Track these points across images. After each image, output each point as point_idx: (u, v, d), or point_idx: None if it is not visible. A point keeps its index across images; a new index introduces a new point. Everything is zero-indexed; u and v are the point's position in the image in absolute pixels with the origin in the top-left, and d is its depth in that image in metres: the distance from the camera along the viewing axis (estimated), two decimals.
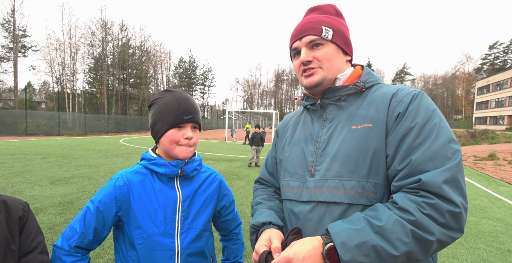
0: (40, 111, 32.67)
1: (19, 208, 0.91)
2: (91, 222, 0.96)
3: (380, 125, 0.77)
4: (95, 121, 26.79)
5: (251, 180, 7.26)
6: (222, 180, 1.19)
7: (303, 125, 0.96)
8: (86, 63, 36.51)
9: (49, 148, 12.42)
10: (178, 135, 0.99)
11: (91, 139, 18.81)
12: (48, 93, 49.73)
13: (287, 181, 0.91)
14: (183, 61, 59.30)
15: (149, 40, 45.22)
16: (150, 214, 0.98)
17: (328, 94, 0.88)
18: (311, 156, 0.86)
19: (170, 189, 1.02)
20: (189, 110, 1.01)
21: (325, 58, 0.86)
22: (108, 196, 0.97)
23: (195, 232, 1.03)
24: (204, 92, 65.39)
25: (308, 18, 0.90)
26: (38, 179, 6.37)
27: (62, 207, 4.51)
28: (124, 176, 1.01)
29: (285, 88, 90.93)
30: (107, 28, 36.04)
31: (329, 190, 0.78)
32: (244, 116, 51.30)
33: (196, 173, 1.08)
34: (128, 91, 40.02)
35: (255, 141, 9.55)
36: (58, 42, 31.78)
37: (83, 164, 8.62)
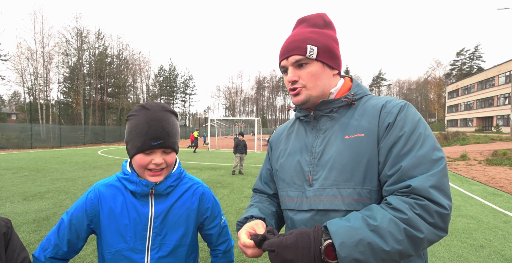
0: (10, 123, 31.01)
1: (2, 225, 0.90)
2: (65, 234, 0.98)
3: (372, 135, 0.81)
4: (71, 132, 25.75)
5: (235, 188, 7.23)
6: (205, 192, 1.13)
7: (296, 135, 0.99)
8: (60, 73, 35.18)
9: (21, 162, 11.78)
10: (146, 160, 0.94)
11: (67, 151, 18.04)
12: (19, 104, 47.33)
13: (286, 191, 0.94)
14: (163, 69, 58.60)
15: (127, 49, 44.44)
16: (120, 229, 0.97)
17: (321, 106, 0.91)
18: (308, 166, 0.89)
19: (142, 205, 0.99)
20: (159, 135, 0.93)
21: (309, 78, 0.89)
22: (80, 209, 0.99)
23: (168, 248, 1.01)
24: (185, 100, 64.70)
25: (295, 34, 0.92)
26: (9, 195, 6.03)
27: (37, 224, 4.29)
28: (97, 189, 1.00)
29: (267, 95, 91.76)
30: (83, 36, 35.07)
31: (327, 198, 0.82)
32: (226, 123, 51.12)
33: (172, 189, 1.04)
34: (106, 101, 38.88)
35: (238, 149, 9.55)
36: (30, 51, 30.51)
37: (59, 177, 8.25)
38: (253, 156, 16.31)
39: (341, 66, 0.96)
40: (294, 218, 0.89)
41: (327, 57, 0.89)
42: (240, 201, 5.92)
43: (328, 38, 0.91)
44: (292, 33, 0.95)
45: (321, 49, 0.88)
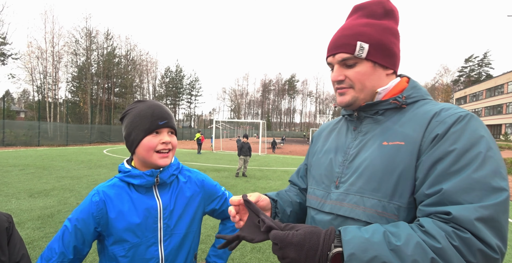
0: (18, 120, 31.46)
1: (4, 220, 0.91)
2: (70, 241, 0.94)
3: (412, 145, 0.70)
4: (78, 131, 26.01)
5: (238, 190, 7.21)
6: (205, 179, 1.18)
7: (337, 134, 0.94)
8: (69, 72, 35.75)
9: (28, 159, 11.93)
10: (154, 141, 0.99)
11: (73, 150, 18.22)
12: (28, 102, 48.09)
13: (313, 189, 0.91)
14: (169, 70, 59.10)
15: (135, 49, 44.89)
16: (131, 226, 0.97)
17: (366, 107, 0.83)
18: (338, 167, 0.84)
19: (149, 198, 1.01)
20: (164, 115, 1.02)
21: (357, 78, 0.80)
22: (85, 213, 0.96)
23: (179, 237, 1.04)
24: (191, 101, 65.09)
25: (346, 26, 0.82)
26: (15, 191, 6.09)
27: (41, 221, 4.32)
28: (100, 191, 0.99)
29: (272, 98, 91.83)
30: (92, 36, 35.59)
31: (349, 205, 0.76)
32: (231, 125, 51.23)
33: (174, 178, 1.08)
34: (113, 101, 39.30)
35: (243, 151, 9.54)
36: (40, 50, 31.06)
37: (64, 175, 8.32)
38: (257, 158, 16.29)
39: (398, 64, 0.85)
40: (315, 218, 0.85)
41: (380, 55, 0.79)
42: None
43: (385, 32, 0.80)
44: (344, 25, 0.84)
45: (373, 46, 0.78)
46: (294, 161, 15.40)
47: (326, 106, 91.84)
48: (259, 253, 3.57)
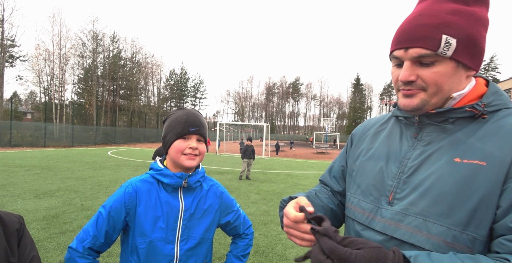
0: (25, 121, 31.86)
1: (15, 221, 0.92)
2: (103, 225, 1.04)
3: (498, 167, 0.58)
4: (83, 132, 26.26)
5: (241, 193, 7.21)
6: (224, 192, 1.24)
7: (387, 137, 0.80)
8: (75, 74, 36.20)
9: (34, 160, 12.06)
10: (183, 145, 1.08)
11: (78, 151, 18.37)
12: (35, 104, 48.69)
13: (358, 199, 0.79)
14: (174, 73, 59.50)
15: (140, 52, 45.31)
16: (154, 220, 1.05)
17: (433, 113, 0.69)
18: (392, 179, 0.72)
19: (174, 199, 1.10)
20: (195, 123, 1.11)
21: (434, 81, 0.65)
22: (119, 202, 1.05)
23: (195, 241, 1.10)
24: (195, 104, 65.38)
25: (425, 11, 0.65)
26: (21, 192, 6.16)
27: (46, 222, 4.36)
28: (134, 184, 1.08)
29: (276, 101, 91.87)
30: (98, 39, 36.05)
31: (408, 228, 0.64)
32: (235, 128, 51.33)
33: (199, 184, 1.15)
34: (118, 103, 39.63)
35: (246, 154, 9.55)
36: (48, 52, 31.50)
37: (69, 176, 8.39)
38: (261, 161, 16.27)
39: (481, 63, 0.69)
40: (361, 234, 0.74)
41: (467, 54, 0.64)
42: (247, 207, 5.89)
43: (476, 23, 0.64)
44: (422, 9, 0.66)
45: (462, 42, 0.62)
46: (297, 165, 15.35)
47: (330, 109, 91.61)
48: (262, 257, 3.56)
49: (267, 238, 4.20)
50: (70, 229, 4.13)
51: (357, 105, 76.28)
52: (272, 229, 4.61)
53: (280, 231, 4.51)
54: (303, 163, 16.70)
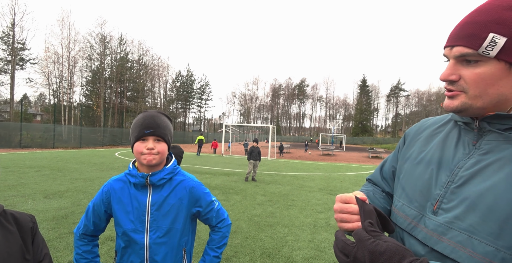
0: (35, 123, 32.40)
1: (28, 220, 0.96)
2: (91, 217, 1.28)
3: None
4: (91, 134, 26.60)
5: (247, 194, 7.21)
6: (194, 187, 1.30)
7: (443, 141, 0.74)
8: (83, 76, 36.71)
9: (43, 161, 12.26)
10: (141, 146, 1.19)
11: (86, 152, 18.61)
12: (44, 106, 49.53)
13: (402, 204, 0.76)
14: (180, 75, 59.92)
15: (147, 54, 45.81)
16: (125, 214, 1.22)
17: (494, 119, 0.63)
18: (440, 188, 0.67)
19: (142, 195, 1.22)
20: (150, 125, 1.19)
21: (475, 82, 0.61)
22: (99, 199, 1.27)
23: (163, 230, 1.22)
24: (201, 105, 65.72)
25: (481, 9, 0.61)
26: (31, 192, 6.27)
27: (56, 222, 4.43)
28: (110, 183, 1.27)
29: (282, 102, 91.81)
30: (106, 42, 36.54)
31: (451, 242, 0.60)
32: (241, 130, 51.43)
33: (165, 181, 1.24)
34: (125, 104, 40.06)
35: (252, 156, 9.55)
36: (57, 55, 32.03)
37: (78, 177, 8.51)
38: (267, 163, 16.26)
39: None
40: (404, 241, 0.72)
41: None
42: (253, 208, 5.89)
43: None
44: (484, 4, 0.63)
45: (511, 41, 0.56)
46: (303, 166, 15.30)
47: (336, 111, 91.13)
48: (268, 258, 3.56)
49: (274, 240, 4.20)
50: None
51: (364, 107, 75.73)
52: (278, 230, 4.60)
53: (287, 233, 4.50)
54: (309, 164, 16.63)
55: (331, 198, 7.23)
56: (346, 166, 16.77)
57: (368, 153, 28.50)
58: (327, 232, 4.63)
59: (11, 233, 0.89)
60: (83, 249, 1.28)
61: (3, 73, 28.85)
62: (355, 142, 64.19)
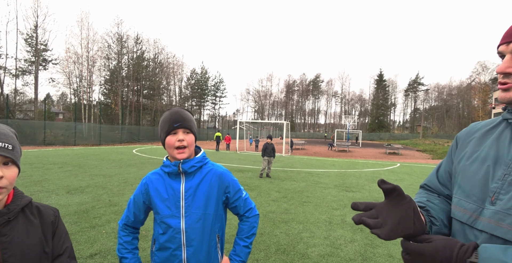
0: (57, 121, 33.74)
1: (51, 214, 0.98)
2: (132, 208, 1.39)
3: None
4: (110, 131, 27.43)
5: (262, 191, 7.23)
6: (222, 173, 1.39)
7: (496, 141, 0.78)
8: (102, 75, 37.79)
9: (65, 158, 12.75)
10: (172, 139, 1.29)
11: (105, 149, 19.21)
12: (66, 104, 51.43)
13: (459, 199, 0.80)
14: (195, 72, 60.55)
15: (162, 53, 46.42)
16: (163, 201, 1.31)
17: None
18: (497, 181, 0.71)
19: (176, 183, 1.33)
20: (178, 119, 1.30)
21: None
22: (138, 191, 1.39)
23: (196, 216, 1.30)
24: (215, 103, 66.22)
25: None
26: (55, 188, 6.54)
27: (77, 216, 4.60)
28: (147, 176, 1.39)
29: (296, 98, 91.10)
30: (123, 41, 37.37)
31: (510, 227, 0.64)
32: (255, 126, 51.50)
33: (195, 169, 1.33)
34: (142, 102, 40.95)
35: (267, 152, 9.55)
36: (77, 55, 33.09)
37: (97, 173, 8.80)
38: (281, 159, 16.22)
39: None
40: (467, 234, 0.75)
41: None
42: (267, 204, 5.90)
43: None
44: None
45: None
46: (318, 163, 15.16)
47: (352, 106, 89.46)
48: (283, 255, 3.56)
49: (288, 236, 4.19)
50: (99, 223, 4.33)
51: (380, 102, 73.93)
52: (293, 227, 4.58)
53: (302, 230, 4.47)
54: (324, 161, 16.46)
55: (346, 195, 7.13)
56: (363, 162, 16.47)
57: (385, 149, 27.89)
58: (343, 229, 4.57)
59: (33, 225, 0.92)
60: (125, 239, 1.38)
61: (28, 74, 30.15)
62: (371, 138, 62.91)
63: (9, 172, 0.84)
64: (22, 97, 33.04)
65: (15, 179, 0.86)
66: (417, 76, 79.66)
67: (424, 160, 20.07)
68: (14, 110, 28.48)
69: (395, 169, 13.26)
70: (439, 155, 24.86)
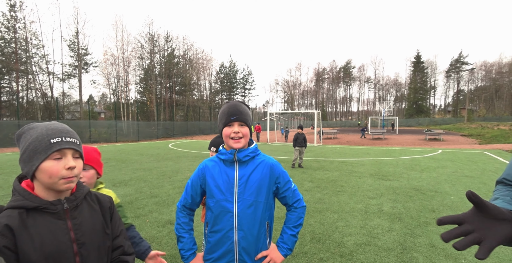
0: (100, 120, 36.26)
1: (107, 201, 1.14)
2: (189, 191, 1.49)
3: None
4: (146, 127, 28.91)
5: (295, 181, 7.22)
6: (273, 164, 1.46)
7: None
8: (137, 75, 39.71)
9: (109, 154, 13.73)
10: (229, 131, 1.39)
11: (143, 145, 20.34)
12: (106, 104, 54.98)
13: None
14: (223, 66, 61.21)
15: (191, 49, 47.44)
16: (218, 187, 1.41)
17: None
18: None
19: (231, 170, 1.42)
20: (235, 112, 1.39)
21: None
22: (196, 175, 1.49)
23: (248, 202, 1.39)
24: (244, 95, 66.60)
25: None
26: (104, 182, 7.09)
27: (124, 207, 4.97)
28: (204, 163, 1.50)
29: (326, 87, 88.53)
30: (154, 40, 38.77)
31: None
32: (285, 117, 51.11)
33: (249, 158, 1.42)
34: (174, 98, 42.46)
35: (298, 142, 9.48)
36: (113, 57, 35.04)
37: (138, 167, 9.39)
38: (313, 149, 16.00)
39: None
40: None
41: None
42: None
43: None
44: None
45: None
46: (352, 152, 14.73)
47: (387, 92, 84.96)
48: (318, 243, 3.56)
49: (323, 225, 4.17)
50: (142, 213, 4.65)
51: (418, 85, 69.20)
52: (328, 216, 4.55)
53: (337, 219, 4.43)
54: (358, 150, 15.94)
55: (383, 184, 6.88)
56: (400, 150, 15.69)
57: (424, 135, 26.22)
58: (380, 219, 4.45)
59: (95, 210, 1.07)
60: (182, 220, 1.50)
61: (72, 77, 32.63)
62: (409, 124, 59.43)
63: (79, 164, 1.01)
64: (69, 99, 35.95)
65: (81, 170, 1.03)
66: (460, 54, 73.11)
67: (469, 146, 18.58)
68: (63, 112, 31.12)
69: (436, 156, 12.46)
70: (488, 140, 22.81)
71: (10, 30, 27.69)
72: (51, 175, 0.94)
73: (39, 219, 0.94)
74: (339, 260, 3.16)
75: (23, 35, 28.07)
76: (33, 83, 28.98)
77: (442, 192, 6.08)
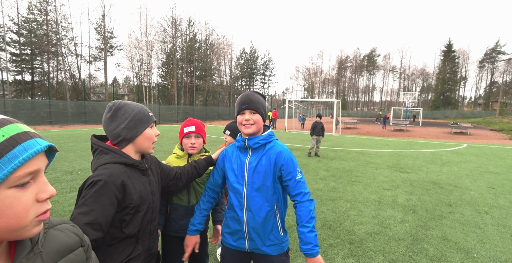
0: None
1: (154, 158, 1.54)
2: (214, 173, 1.71)
3: None
4: (167, 111, 29.61)
5: (310, 169, 7.29)
6: (281, 151, 1.53)
7: None
8: (159, 59, 40.31)
9: None
10: (241, 118, 1.54)
11: (164, 128, 20.95)
12: (130, 87, 56.51)
13: None
14: (244, 52, 60.55)
15: (213, 34, 47.18)
16: (232, 170, 1.59)
17: None
18: None
19: (244, 156, 1.58)
20: (246, 101, 1.53)
21: None
22: (219, 160, 1.70)
23: (256, 185, 1.52)
24: (264, 82, 66.00)
25: None
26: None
27: None
28: (225, 149, 1.69)
29: (349, 75, 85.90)
30: (177, 25, 38.89)
31: None
32: (304, 105, 50.46)
33: (259, 145, 1.54)
34: (195, 83, 42.90)
35: (315, 131, 9.45)
36: (137, 40, 35.65)
37: (158, 149, 9.78)
38: (331, 139, 15.87)
39: None
40: None
41: None
42: (315, 182, 5.97)
43: None
44: None
45: None
46: (371, 142, 14.48)
47: (413, 82, 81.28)
48: (329, 230, 3.66)
49: (335, 213, 4.25)
50: None
51: (447, 76, 65.55)
52: (340, 205, 4.62)
53: (349, 208, 4.49)
54: (377, 141, 15.63)
55: (400, 176, 6.80)
56: (421, 142, 15.22)
57: (450, 129, 25.14)
58: (394, 210, 4.46)
59: (155, 170, 1.46)
60: (202, 198, 1.74)
61: (98, 60, 33.64)
62: (434, 117, 56.94)
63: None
64: (95, 81, 37.22)
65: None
66: (496, 43, 68.04)
67: (498, 141, 17.68)
68: (89, 93, 32.37)
69: (460, 150, 12.01)
70: None
71: (42, 12, 28.70)
72: (150, 139, 1.30)
73: (133, 173, 1.26)
74: (348, 247, 3.25)
75: (54, 18, 29.04)
76: (63, 64, 30.21)
77: (462, 187, 5.94)
